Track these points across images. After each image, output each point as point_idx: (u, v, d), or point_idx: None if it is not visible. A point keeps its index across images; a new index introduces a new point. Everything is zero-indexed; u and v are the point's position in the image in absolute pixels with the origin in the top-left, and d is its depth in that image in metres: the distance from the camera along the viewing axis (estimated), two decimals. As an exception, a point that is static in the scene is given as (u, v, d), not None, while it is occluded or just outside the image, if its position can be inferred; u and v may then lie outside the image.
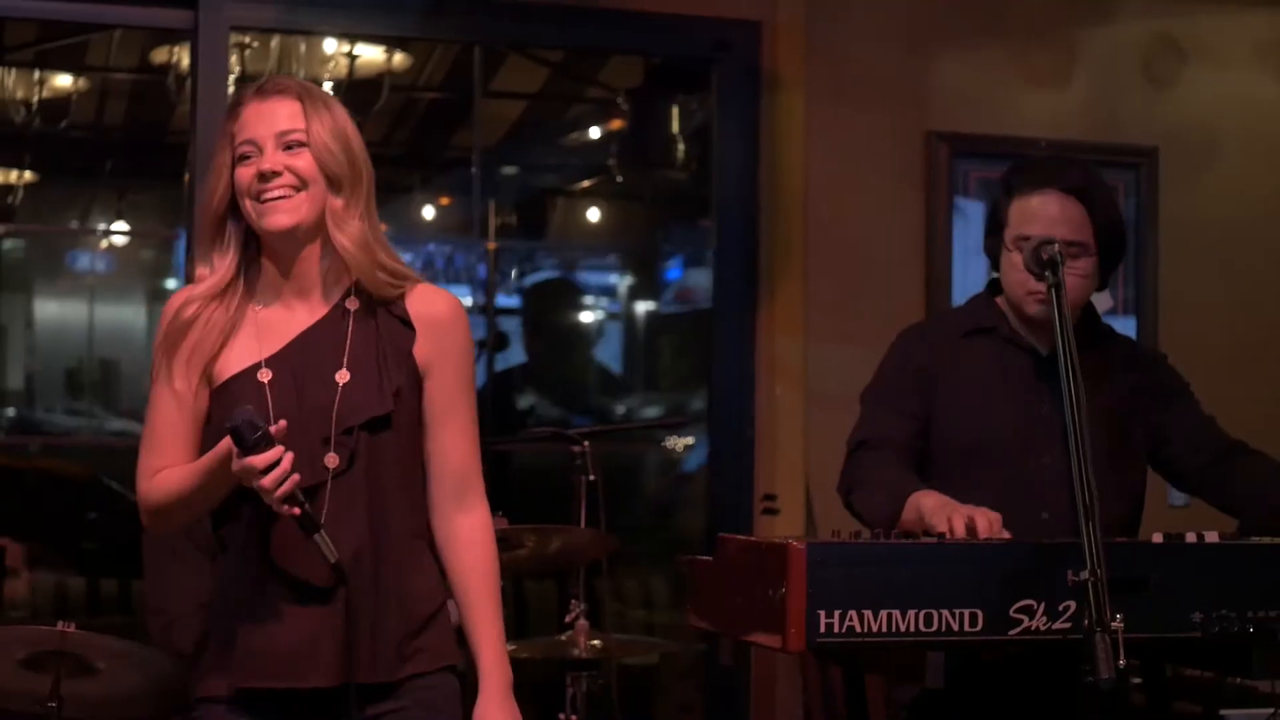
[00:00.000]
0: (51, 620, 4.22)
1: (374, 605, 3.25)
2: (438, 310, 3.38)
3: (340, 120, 3.30)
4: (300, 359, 3.28)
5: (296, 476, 3.09)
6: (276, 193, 3.26)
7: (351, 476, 3.25)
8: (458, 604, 3.40)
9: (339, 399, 3.26)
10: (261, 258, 3.36)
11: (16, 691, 4.27)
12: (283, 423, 3.12)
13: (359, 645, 3.23)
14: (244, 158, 3.29)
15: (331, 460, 3.23)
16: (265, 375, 3.26)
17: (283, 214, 3.27)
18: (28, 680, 4.21)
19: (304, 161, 3.26)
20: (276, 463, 3.07)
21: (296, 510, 3.10)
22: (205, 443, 3.29)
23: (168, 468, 3.31)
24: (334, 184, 3.28)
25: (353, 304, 3.33)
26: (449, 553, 3.39)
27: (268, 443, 3.07)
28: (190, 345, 3.30)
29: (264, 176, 3.26)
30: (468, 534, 3.39)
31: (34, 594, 5.73)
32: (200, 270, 3.37)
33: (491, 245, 8.46)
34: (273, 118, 3.28)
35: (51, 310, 14.15)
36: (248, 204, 3.29)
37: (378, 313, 3.33)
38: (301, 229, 3.29)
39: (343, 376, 3.27)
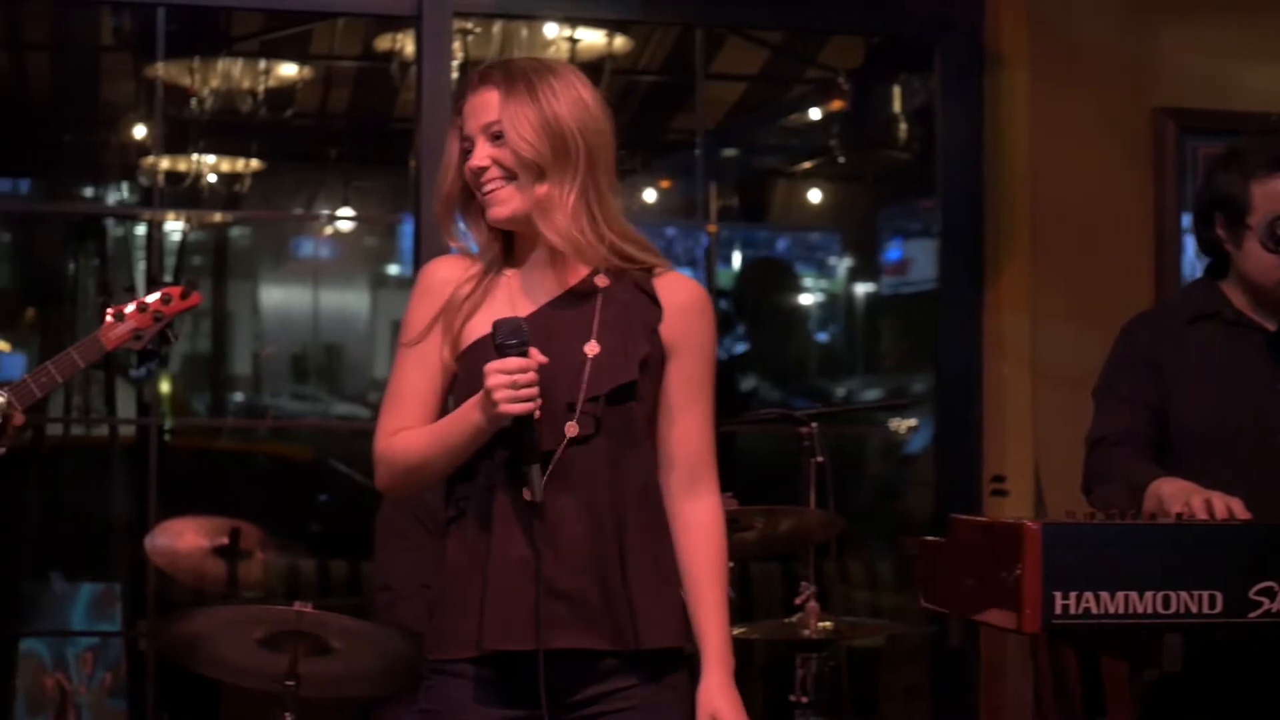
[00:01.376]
0: (287, 601, 4.31)
1: (613, 573, 3.27)
2: (686, 296, 3.40)
3: (546, 103, 3.27)
4: (549, 327, 3.30)
5: (535, 390, 3.15)
6: (489, 185, 3.31)
7: (594, 446, 3.28)
8: (685, 589, 3.40)
9: (589, 369, 3.28)
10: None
11: (256, 670, 4.37)
12: (543, 358, 3.18)
13: (595, 611, 3.26)
14: (465, 152, 3.35)
15: (571, 429, 3.26)
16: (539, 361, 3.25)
17: (498, 205, 3.32)
18: (267, 659, 4.30)
19: (507, 152, 3.29)
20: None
21: (526, 408, 3.15)
22: (449, 409, 3.34)
23: (408, 429, 3.35)
24: (537, 172, 3.28)
25: (602, 281, 3.35)
26: (678, 538, 3.39)
27: (522, 353, 3.16)
28: (444, 309, 3.35)
29: (475, 172, 3.32)
30: (698, 519, 3.40)
31: (267, 575, 5.81)
32: (452, 242, 3.44)
33: (712, 227, 8.46)
34: (480, 110, 3.31)
35: (277, 296, 14.38)
36: (477, 194, 3.36)
37: (628, 289, 3.35)
38: (519, 217, 3.33)
39: (592, 349, 3.30)
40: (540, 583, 3.23)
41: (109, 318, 3.93)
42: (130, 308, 3.98)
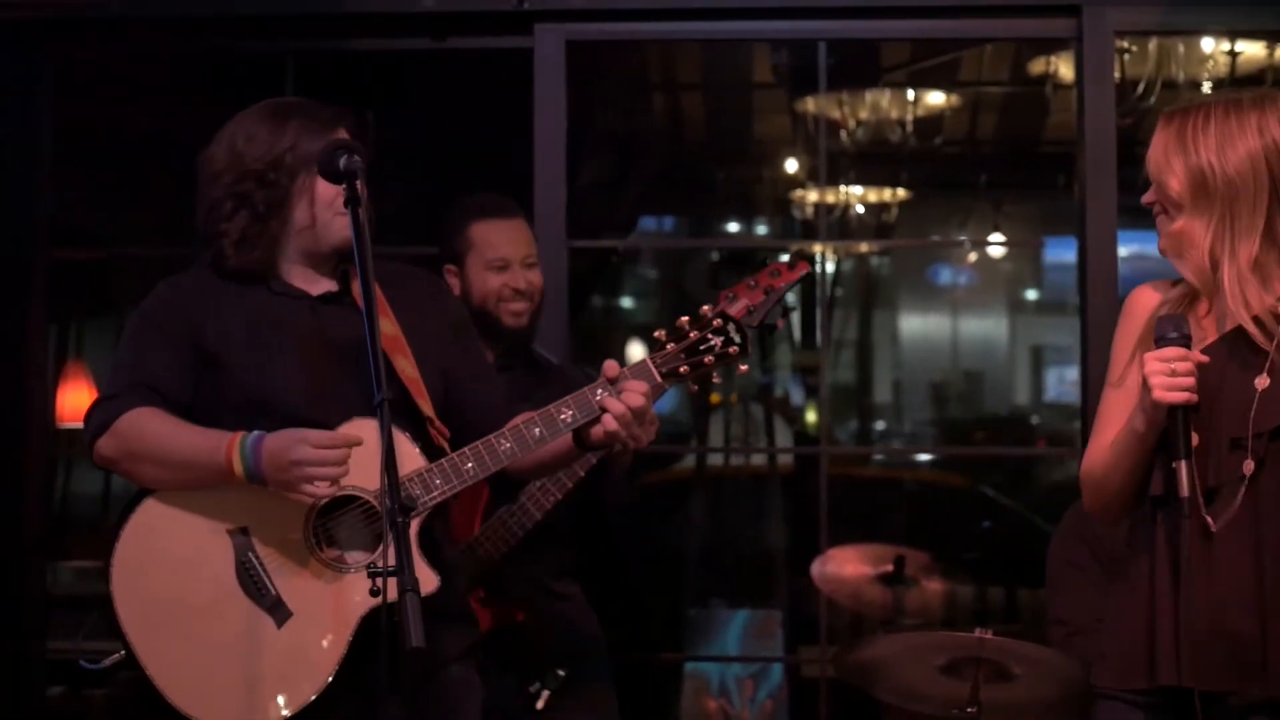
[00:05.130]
0: (960, 627, 4.31)
1: (1265, 612, 3.21)
2: None
3: (1192, 143, 3.30)
4: (1225, 358, 3.28)
5: (1191, 381, 3.15)
6: (1158, 218, 3.38)
7: (1262, 482, 3.23)
8: None
9: (1256, 403, 3.24)
10: None
11: (937, 696, 4.37)
12: (1203, 357, 3.19)
13: (1257, 654, 3.21)
14: None
15: (1247, 467, 3.22)
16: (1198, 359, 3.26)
17: (1160, 238, 3.37)
18: (947, 685, 4.30)
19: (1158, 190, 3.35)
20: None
21: (1181, 397, 3.14)
22: None
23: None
24: (1176, 209, 3.31)
25: (1258, 332, 3.28)
26: None
27: (1183, 345, 3.17)
28: (1143, 335, 3.37)
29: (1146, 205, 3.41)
30: None
31: (929, 602, 5.84)
32: None
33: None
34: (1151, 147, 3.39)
35: (915, 324, 14.48)
36: None
37: None
38: (1169, 250, 3.36)
39: (1262, 383, 3.25)
40: (1200, 621, 3.21)
41: (722, 300, 3.99)
42: (741, 285, 4.02)
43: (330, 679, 3.59)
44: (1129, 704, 3.34)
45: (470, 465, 3.63)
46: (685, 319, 3.63)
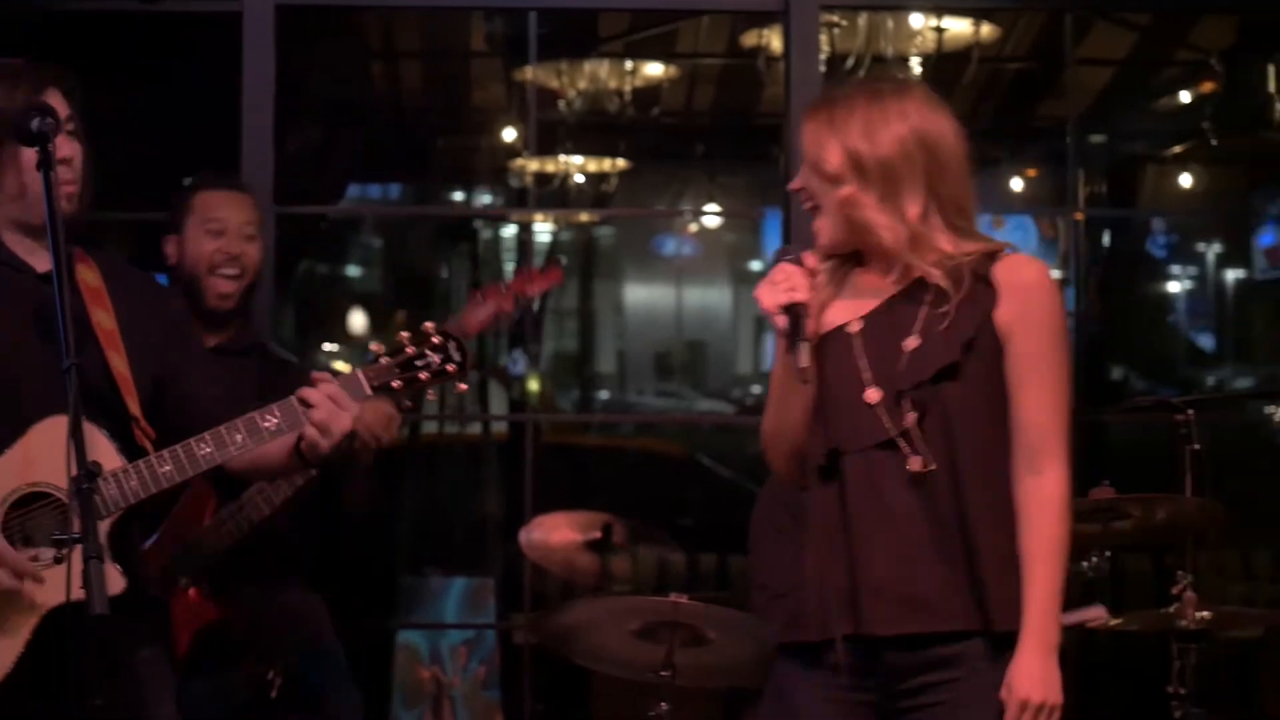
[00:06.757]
0: (659, 594, 4.36)
1: (947, 555, 3.31)
2: (1023, 277, 3.41)
3: (843, 129, 3.40)
4: (878, 326, 3.41)
5: (791, 284, 3.30)
6: (806, 206, 3.50)
7: (927, 433, 3.33)
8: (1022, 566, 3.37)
9: (907, 360, 3.35)
10: None
11: (632, 660, 4.41)
12: (814, 263, 3.38)
13: (923, 597, 3.31)
14: None
15: (910, 419, 3.33)
16: (855, 327, 3.41)
17: (818, 233, 3.47)
18: (643, 649, 4.34)
19: (810, 174, 3.46)
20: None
21: (784, 298, 3.29)
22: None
23: None
24: (834, 185, 3.40)
25: (937, 277, 3.38)
26: (1018, 514, 3.37)
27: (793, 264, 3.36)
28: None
29: (793, 192, 3.54)
30: (1032, 494, 3.36)
31: (638, 569, 5.88)
32: None
33: (1079, 215, 8.33)
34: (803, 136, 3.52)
35: (640, 294, 14.55)
36: None
37: (964, 280, 3.38)
38: (838, 240, 3.46)
39: (911, 343, 3.37)
40: (858, 571, 3.32)
41: (471, 301, 3.96)
42: (492, 288, 4.02)
43: (3, 678, 3.50)
44: (793, 658, 3.44)
45: (168, 468, 3.51)
46: (406, 334, 3.58)
